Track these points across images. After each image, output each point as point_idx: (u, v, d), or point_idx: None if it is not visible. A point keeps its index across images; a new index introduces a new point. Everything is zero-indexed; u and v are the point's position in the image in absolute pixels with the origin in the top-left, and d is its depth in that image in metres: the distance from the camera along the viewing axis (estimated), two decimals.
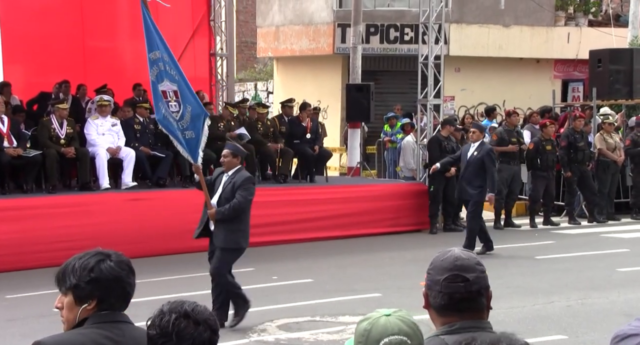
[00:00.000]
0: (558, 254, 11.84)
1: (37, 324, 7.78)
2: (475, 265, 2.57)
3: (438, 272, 2.55)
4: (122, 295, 2.72)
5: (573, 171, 15.07)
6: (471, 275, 2.54)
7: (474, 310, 2.54)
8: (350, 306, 8.79)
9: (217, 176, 8.28)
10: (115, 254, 2.78)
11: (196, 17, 16.54)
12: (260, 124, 14.60)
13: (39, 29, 14.30)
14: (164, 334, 2.34)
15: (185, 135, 8.58)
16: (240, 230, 8.06)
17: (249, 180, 8.12)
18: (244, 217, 8.09)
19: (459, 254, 2.58)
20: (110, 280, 2.68)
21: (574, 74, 22.69)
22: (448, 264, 2.55)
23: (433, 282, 2.56)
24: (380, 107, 19.26)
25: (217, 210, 7.99)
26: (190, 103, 8.56)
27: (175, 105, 8.59)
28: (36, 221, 11.27)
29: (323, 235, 13.42)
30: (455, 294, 2.52)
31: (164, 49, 8.78)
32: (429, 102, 15.13)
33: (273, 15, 23.30)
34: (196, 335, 2.35)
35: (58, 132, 12.46)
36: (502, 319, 7.69)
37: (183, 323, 2.34)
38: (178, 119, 8.58)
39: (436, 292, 2.54)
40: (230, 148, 8.20)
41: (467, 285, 2.52)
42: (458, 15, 21.20)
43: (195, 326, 2.35)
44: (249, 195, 8.03)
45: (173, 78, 8.61)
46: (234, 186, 8.00)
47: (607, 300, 8.86)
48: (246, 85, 27.17)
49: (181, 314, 2.36)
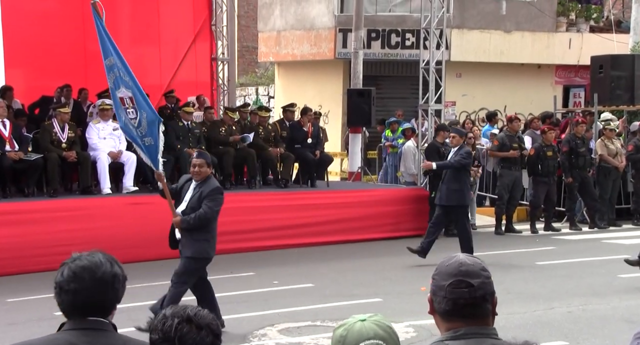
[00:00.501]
0: (559, 260, 11.83)
1: (38, 327, 7.78)
2: (480, 270, 2.56)
3: (443, 278, 2.55)
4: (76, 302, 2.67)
5: (574, 177, 15.07)
6: (476, 280, 2.53)
7: (478, 316, 2.54)
8: (351, 311, 8.75)
9: (184, 184, 8.06)
10: (83, 257, 2.71)
11: (198, 22, 16.56)
12: (262, 129, 14.61)
13: (40, 33, 14.33)
14: (166, 338, 2.33)
15: (144, 142, 8.39)
16: (207, 239, 7.87)
17: (217, 190, 7.89)
18: (210, 227, 7.90)
19: (463, 260, 2.58)
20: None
21: (575, 79, 22.69)
22: (452, 270, 2.55)
23: (438, 287, 2.55)
24: (381, 112, 19.27)
25: (182, 219, 7.79)
26: (144, 109, 8.34)
27: (132, 112, 8.40)
28: (37, 225, 11.27)
29: (324, 240, 13.42)
30: (459, 300, 2.51)
31: (116, 54, 8.56)
32: (430, 107, 15.13)
33: (274, 20, 23.33)
34: (198, 340, 2.34)
35: (59, 136, 12.47)
36: (502, 325, 7.68)
37: (185, 328, 2.34)
38: (136, 126, 8.38)
39: (441, 298, 2.54)
40: (203, 157, 7.94)
41: (471, 290, 2.52)
42: (459, 21, 21.22)
43: (197, 331, 2.35)
44: (215, 206, 7.81)
45: (127, 84, 8.42)
46: (201, 195, 7.79)
47: (608, 307, 8.85)
48: (247, 90, 27.19)
49: (184, 319, 2.35)
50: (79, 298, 2.65)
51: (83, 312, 2.67)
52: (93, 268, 2.66)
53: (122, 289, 2.73)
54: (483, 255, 11.77)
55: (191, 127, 13.82)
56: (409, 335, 7.79)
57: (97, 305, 2.67)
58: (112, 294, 2.69)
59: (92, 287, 2.64)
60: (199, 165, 7.83)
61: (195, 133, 13.80)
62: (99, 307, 2.68)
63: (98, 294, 2.66)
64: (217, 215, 7.94)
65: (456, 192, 11.42)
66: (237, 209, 13.02)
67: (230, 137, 14.08)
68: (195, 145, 13.67)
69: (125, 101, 8.42)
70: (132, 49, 16.15)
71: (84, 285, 2.64)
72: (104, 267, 2.67)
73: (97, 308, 2.68)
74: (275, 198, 13.67)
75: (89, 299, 2.65)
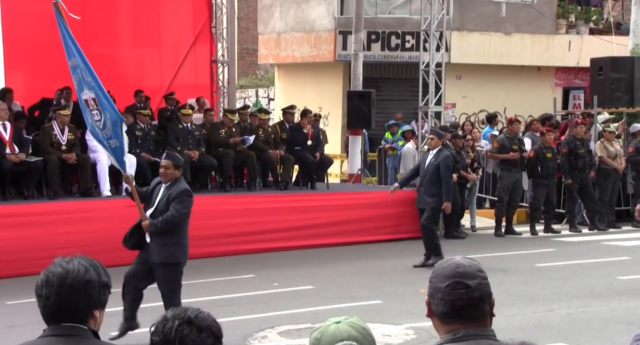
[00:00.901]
0: (559, 262, 11.82)
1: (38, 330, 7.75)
2: (476, 272, 2.57)
3: (440, 280, 2.56)
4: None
5: (573, 178, 15.07)
6: (473, 282, 2.54)
7: (476, 318, 2.54)
8: (351, 313, 8.73)
9: (155, 187, 7.87)
10: (57, 263, 2.72)
11: (198, 24, 16.58)
12: (262, 131, 14.62)
13: (40, 35, 14.32)
14: (167, 340, 2.33)
15: (110, 144, 8.17)
16: (177, 243, 7.63)
17: (185, 192, 7.68)
18: (180, 230, 7.70)
19: (460, 262, 2.59)
20: None
21: (575, 81, 22.70)
22: (449, 272, 2.55)
23: (435, 289, 2.56)
24: (381, 114, 19.27)
25: (151, 223, 7.62)
26: (107, 110, 8.11)
27: (97, 114, 8.15)
28: (37, 227, 11.27)
29: (324, 242, 13.41)
30: (457, 301, 2.52)
31: (79, 55, 8.34)
32: (430, 109, 15.14)
33: (274, 22, 23.34)
34: (199, 342, 2.34)
35: (59, 138, 12.47)
36: (502, 327, 7.68)
37: (186, 329, 2.34)
38: (102, 128, 8.16)
39: (438, 300, 2.54)
40: (171, 159, 7.73)
41: (468, 292, 2.52)
42: (459, 23, 21.22)
43: (198, 333, 2.35)
44: (183, 209, 7.62)
45: (90, 85, 8.18)
46: (169, 198, 7.61)
47: (608, 308, 8.85)
48: (247, 92, 27.19)
49: (184, 321, 2.35)
50: (49, 304, 2.67)
51: (57, 318, 2.69)
52: (63, 275, 2.67)
53: (99, 295, 2.70)
54: (483, 257, 11.78)
55: (191, 129, 13.83)
56: (409, 337, 7.79)
57: (69, 311, 2.68)
58: (84, 300, 2.67)
59: (62, 294, 2.66)
60: (166, 167, 7.64)
61: (195, 135, 13.81)
62: (72, 313, 2.68)
63: (68, 301, 2.66)
64: (186, 218, 7.73)
65: (433, 197, 11.49)
66: (237, 211, 13.04)
67: (230, 139, 14.09)
68: (195, 147, 13.68)
69: (90, 103, 8.17)
70: (133, 51, 16.19)
71: (53, 291, 2.66)
72: (75, 273, 2.67)
73: (70, 314, 2.68)
74: (275, 200, 13.68)
75: (60, 305, 2.67)
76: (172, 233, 7.65)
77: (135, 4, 15.94)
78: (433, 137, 11.68)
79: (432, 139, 11.65)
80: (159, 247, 7.62)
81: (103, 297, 2.74)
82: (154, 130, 13.93)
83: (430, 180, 11.47)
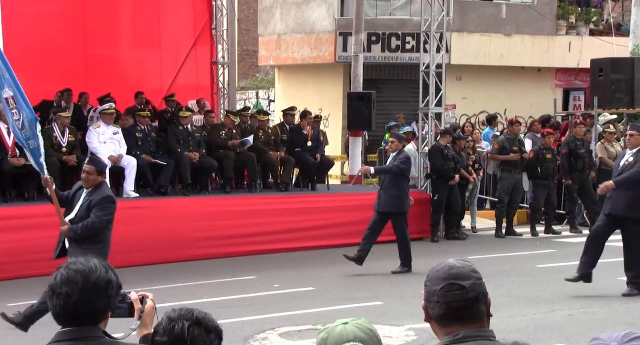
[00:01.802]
0: (560, 263, 11.81)
1: (39, 332, 7.77)
2: (470, 272, 2.57)
3: (434, 283, 2.56)
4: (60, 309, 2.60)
5: (573, 179, 15.07)
6: (467, 282, 2.54)
7: (473, 319, 2.54)
8: (352, 315, 8.73)
9: (77, 191, 7.71)
10: (78, 262, 2.65)
11: (198, 26, 16.58)
12: (262, 132, 14.62)
13: (41, 37, 14.34)
14: (177, 341, 2.34)
15: (29, 145, 7.92)
16: (98, 249, 7.41)
17: (108, 199, 7.56)
18: (102, 237, 7.59)
19: (453, 263, 2.59)
20: None
21: (576, 83, 22.70)
22: (443, 274, 2.56)
23: (430, 293, 2.56)
24: (382, 115, 19.27)
25: (70, 228, 7.50)
26: (24, 109, 7.84)
27: (16, 113, 7.89)
28: (38, 230, 11.24)
29: (325, 243, 13.41)
30: (452, 303, 2.52)
31: None
32: (430, 110, 15.15)
33: (275, 23, 23.34)
34: (208, 343, 2.36)
35: (60, 141, 12.48)
36: (503, 328, 7.68)
37: (197, 331, 2.36)
38: (21, 128, 7.89)
39: (434, 303, 2.55)
40: (94, 164, 7.59)
41: (463, 293, 2.52)
42: (459, 24, 21.22)
43: (207, 334, 2.37)
44: (105, 216, 7.50)
45: (9, 83, 7.93)
46: (90, 204, 7.49)
47: (609, 310, 8.84)
48: (248, 94, 27.20)
49: (194, 322, 2.37)
50: (70, 302, 2.57)
51: (74, 319, 2.60)
52: (87, 272, 2.60)
53: (115, 297, 2.67)
54: (484, 259, 11.79)
55: (192, 131, 13.84)
56: (410, 338, 7.79)
57: (89, 311, 2.60)
58: (105, 300, 2.62)
59: (85, 292, 2.57)
60: (88, 172, 7.50)
61: (195, 137, 13.81)
62: (91, 313, 2.61)
63: (91, 300, 2.59)
64: (108, 225, 7.59)
65: (394, 199, 11.21)
66: (237, 212, 13.04)
67: (230, 141, 14.09)
68: (195, 149, 13.68)
69: (10, 102, 7.91)
70: (133, 53, 16.20)
71: (77, 289, 2.57)
72: (98, 272, 2.61)
73: (88, 314, 2.60)
74: (275, 202, 13.68)
75: (81, 304, 2.58)
76: (94, 239, 7.52)
77: (136, 6, 15.95)
78: (394, 141, 11.59)
79: (393, 143, 11.54)
80: (79, 253, 7.32)
81: (117, 299, 2.72)
82: (154, 132, 13.94)
83: (391, 184, 11.28)
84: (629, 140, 9.77)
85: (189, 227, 12.36)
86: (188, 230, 12.34)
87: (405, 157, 11.36)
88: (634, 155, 9.52)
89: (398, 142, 11.53)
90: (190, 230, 12.33)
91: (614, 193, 9.53)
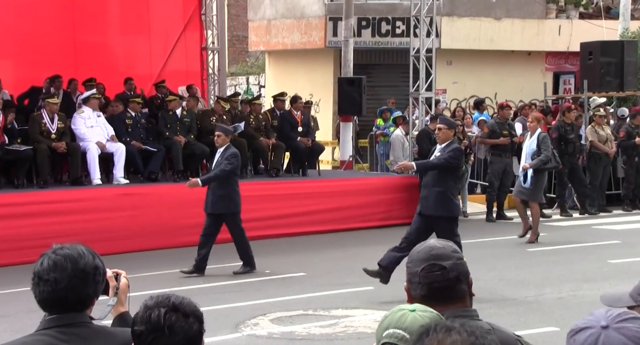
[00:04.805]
0: (550, 246, 11.86)
1: (29, 319, 7.76)
2: (451, 252, 2.59)
3: (415, 264, 2.58)
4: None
5: (563, 163, 15.10)
6: (447, 263, 2.55)
7: (455, 299, 2.56)
8: (343, 300, 8.80)
9: None
10: (65, 248, 2.61)
11: (187, 11, 16.49)
12: (252, 118, 14.59)
13: (29, 23, 14.24)
14: (155, 328, 2.32)
15: None
16: None
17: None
18: None
19: (434, 244, 2.62)
20: None
21: (565, 66, 22.71)
22: (424, 255, 2.57)
23: (412, 274, 2.58)
24: (373, 100, 19.25)
25: None
26: None
27: None
28: (27, 216, 11.24)
29: (315, 229, 13.42)
30: (433, 284, 2.53)
31: None
32: (420, 95, 15.14)
33: (264, 8, 23.24)
34: (187, 328, 2.34)
35: (49, 127, 12.42)
36: (494, 312, 7.71)
37: (174, 316, 2.33)
38: None
39: (416, 284, 2.56)
40: None
41: (444, 273, 2.54)
42: (449, 8, 21.17)
43: (185, 319, 2.34)
44: None
45: None
46: None
47: (598, 292, 8.81)
48: (238, 79, 27.11)
49: (170, 308, 2.34)
50: (59, 288, 2.55)
51: (61, 305, 2.57)
52: (76, 257, 2.57)
53: (101, 283, 2.65)
54: (475, 243, 11.82)
55: (182, 115, 13.80)
56: None
57: (77, 297, 2.58)
58: (92, 286, 2.60)
59: (74, 278, 2.55)
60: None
61: (184, 122, 13.77)
62: (80, 299, 2.59)
63: (79, 285, 2.56)
64: None
65: (223, 199, 10.16)
66: None
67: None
68: (184, 133, 13.64)
69: None
70: (122, 39, 16.11)
71: (65, 275, 2.54)
72: (86, 258, 2.59)
73: (77, 301, 2.58)
74: (266, 187, 13.67)
75: (69, 290, 2.55)
76: None
77: None
78: (443, 127, 9.76)
79: (441, 130, 9.70)
80: None
81: (103, 285, 2.71)
82: (144, 118, 13.89)
83: (219, 183, 10.26)
84: (438, 135, 9.07)
85: (180, 213, 12.33)
86: (179, 216, 12.31)
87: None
88: (441, 151, 8.91)
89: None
90: (181, 217, 12.30)
91: (424, 191, 9.01)
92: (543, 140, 12.12)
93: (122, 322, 2.78)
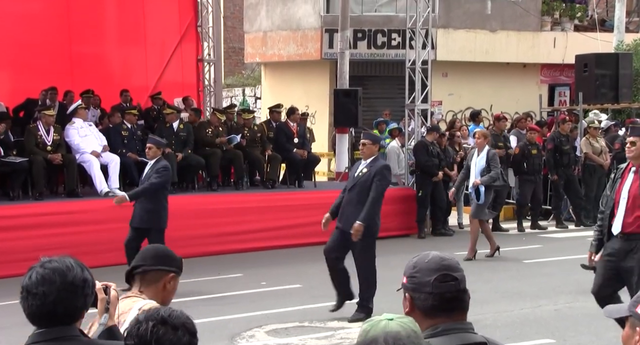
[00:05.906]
0: (546, 258, 11.87)
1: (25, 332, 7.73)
2: (457, 265, 2.62)
3: (426, 274, 2.57)
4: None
5: (559, 175, 15.14)
6: (458, 274, 2.58)
7: (460, 310, 2.58)
8: (339, 311, 8.78)
9: None
10: (53, 261, 2.59)
11: (183, 23, 16.53)
12: (247, 130, 14.59)
13: (25, 34, 14.26)
14: (143, 342, 2.31)
15: None
16: None
17: None
18: None
19: (442, 255, 2.63)
20: None
21: (561, 78, 22.78)
22: (435, 265, 2.57)
23: (421, 284, 2.57)
24: (368, 112, 19.27)
25: None
26: None
27: None
28: (23, 228, 11.21)
29: (312, 240, 13.37)
30: (446, 294, 2.54)
31: None
32: (416, 107, 15.16)
33: (260, 20, 23.30)
34: (175, 341, 2.33)
35: (45, 139, 12.42)
36: (490, 323, 7.71)
37: (161, 330, 2.32)
38: None
39: (426, 294, 2.55)
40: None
41: (456, 284, 2.56)
42: (445, 21, 21.26)
43: (174, 331, 2.33)
44: None
45: None
46: None
47: (594, 304, 8.85)
48: (234, 91, 27.14)
49: (158, 321, 2.33)
50: (47, 302, 2.53)
51: (50, 319, 2.55)
52: (64, 270, 2.56)
53: (91, 296, 2.64)
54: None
55: (178, 129, 13.76)
56: None
57: (66, 310, 2.56)
58: (81, 299, 2.58)
59: (62, 291, 2.53)
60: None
61: (180, 136, 13.72)
62: (68, 313, 2.57)
63: (68, 299, 2.54)
64: None
65: (150, 213, 9.85)
66: (224, 210, 13.02)
67: (216, 139, 14.06)
68: (179, 148, 13.58)
69: None
70: (118, 50, 16.13)
71: (54, 288, 2.53)
72: (74, 270, 2.58)
73: (66, 314, 2.56)
74: (262, 199, 13.66)
75: (58, 303, 2.53)
76: None
77: (121, 3, 15.88)
78: (151, 146, 9.89)
79: (150, 149, 9.88)
80: None
81: (92, 298, 2.69)
82: (140, 130, 13.89)
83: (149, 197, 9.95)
84: (362, 150, 8.70)
85: (175, 224, 12.27)
86: (174, 227, 12.25)
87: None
88: (367, 166, 8.55)
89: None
90: (177, 228, 12.27)
91: (346, 208, 8.77)
92: (492, 158, 12.14)
93: (110, 335, 2.77)
